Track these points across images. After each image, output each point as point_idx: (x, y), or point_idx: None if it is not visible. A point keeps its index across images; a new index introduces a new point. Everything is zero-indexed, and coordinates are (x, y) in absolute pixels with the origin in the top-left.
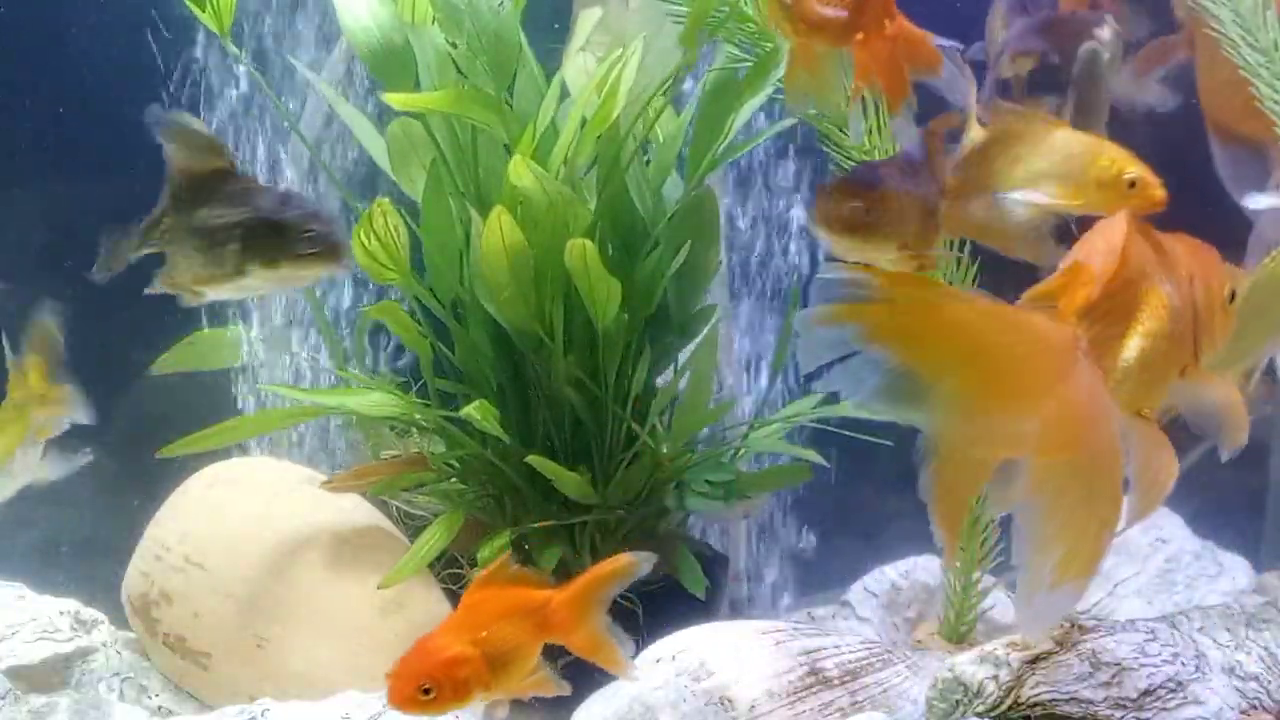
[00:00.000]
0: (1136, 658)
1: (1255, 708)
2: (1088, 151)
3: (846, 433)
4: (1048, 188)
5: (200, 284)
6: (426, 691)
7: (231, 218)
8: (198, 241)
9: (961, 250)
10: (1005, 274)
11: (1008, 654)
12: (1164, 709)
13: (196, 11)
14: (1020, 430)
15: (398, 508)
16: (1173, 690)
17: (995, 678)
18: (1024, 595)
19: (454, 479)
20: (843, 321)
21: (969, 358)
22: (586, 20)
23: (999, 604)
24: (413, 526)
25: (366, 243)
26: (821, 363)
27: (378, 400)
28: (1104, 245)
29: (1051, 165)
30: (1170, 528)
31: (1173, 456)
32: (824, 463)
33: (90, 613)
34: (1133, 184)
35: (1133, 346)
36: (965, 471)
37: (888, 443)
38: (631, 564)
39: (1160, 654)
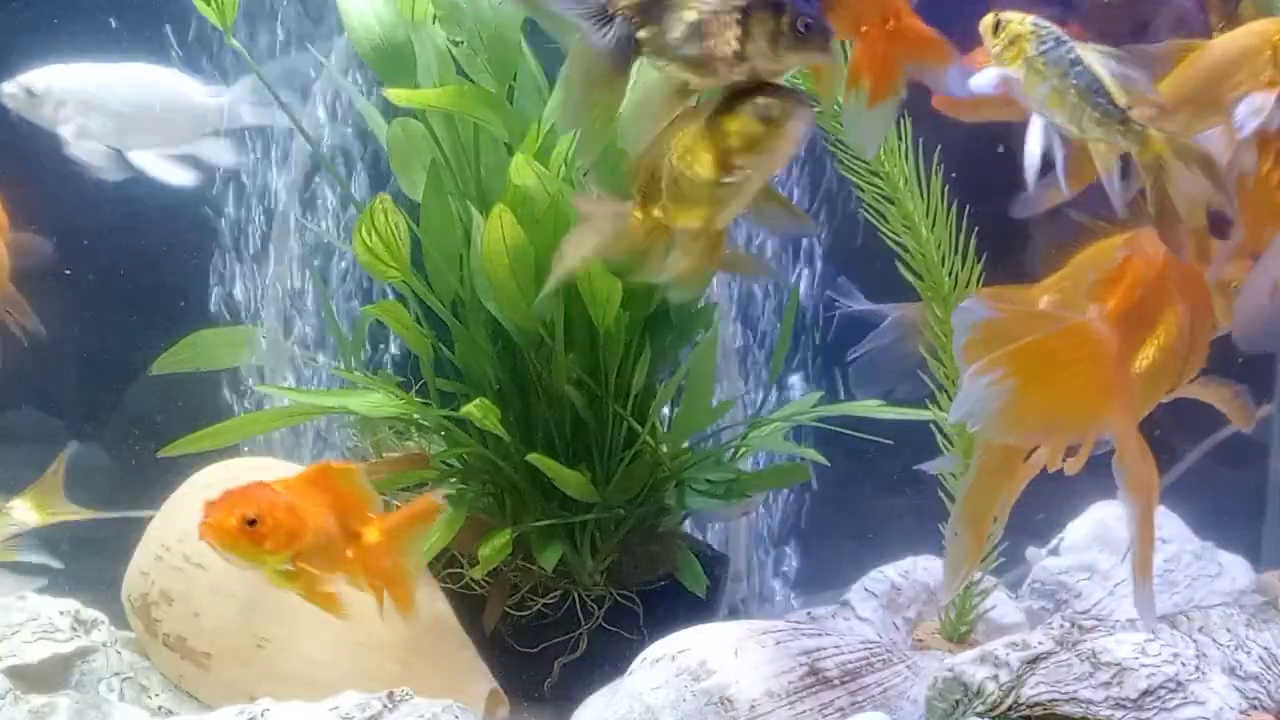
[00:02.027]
0: (1136, 658)
1: (1255, 708)
2: (1237, 50)
3: (847, 432)
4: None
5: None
6: (251, 523)
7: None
8: (688, 28)
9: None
10: (1008, 271)
11: (1008, 654)
12: (1164, 709)
13: (200, 6)
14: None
15: (398, 507)
16: (1173, 690)
17: (995, 678)
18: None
19: (454, 478)
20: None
21: (1061, 369)
22: None
23: (999, 604)
24: None
25: (368, 240)
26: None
27: (378, 400)
28: (1150, 251)
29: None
30: (1170, 528)
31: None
32: (824, 461)
33: (90, 613)
34: None
35: (1147, 356)
36: (1005, 478)
37: (888, 442)
38: (435, 505)
39: (1160, 654)
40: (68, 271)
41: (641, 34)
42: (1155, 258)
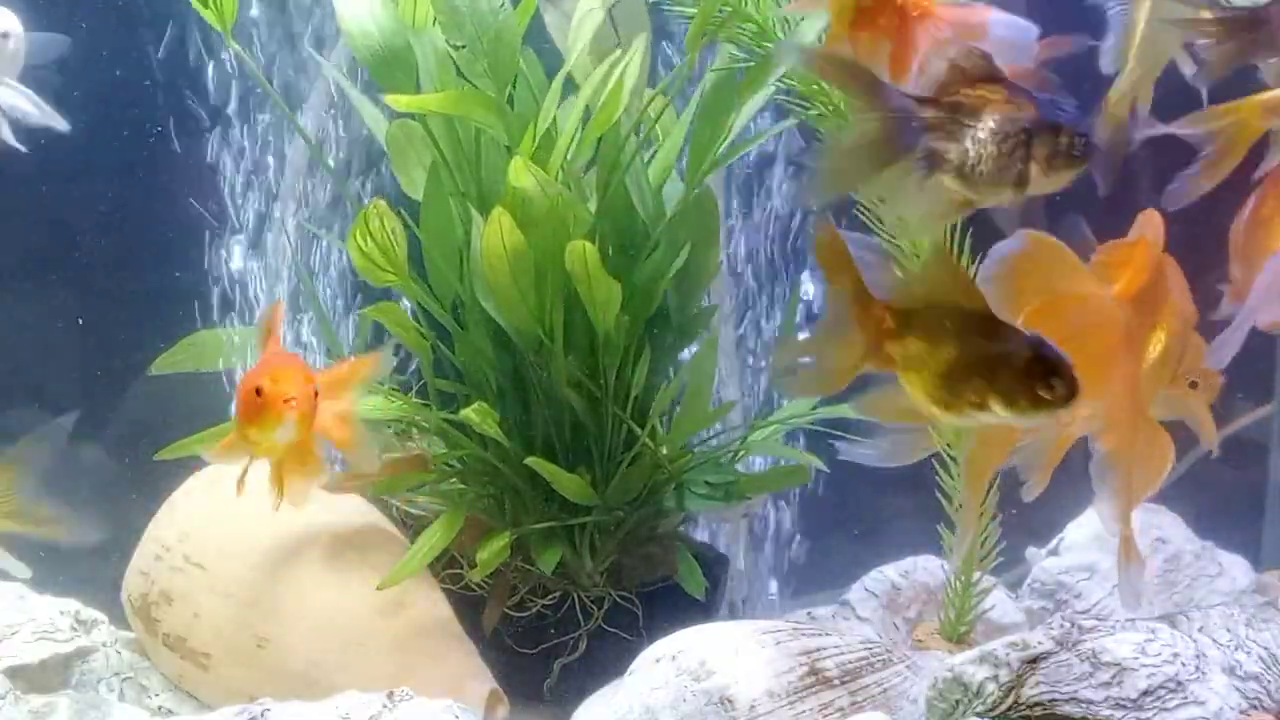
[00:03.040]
0: (1136, 658)
1: (1255, 708)
2: None
3: (847, 435)
4: None
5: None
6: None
7: (1015, 125)
8: (975, 155)
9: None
10: None
11: (1008, 654)
12: (1164, 709)
13: (199, 8)
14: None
15: (398, 508)
16: (1173, 690)
17: (995, 678)
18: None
19: (454, 479)
20: None
21: (1091, 340)
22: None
23: (999, 604)
24: (413, 526)
25: (363, 245)
26: None
27: (376, 404)
28: (1150, 236)
29: None
30: (1170, 528)
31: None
32: (822, 467)
33: (90, 613)
34: None
35: (1158, 340)
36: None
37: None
38: (378, 358)
39: (1160, 654)
40: (78, 320)
41: (935, 148)
42: (1156, 251)
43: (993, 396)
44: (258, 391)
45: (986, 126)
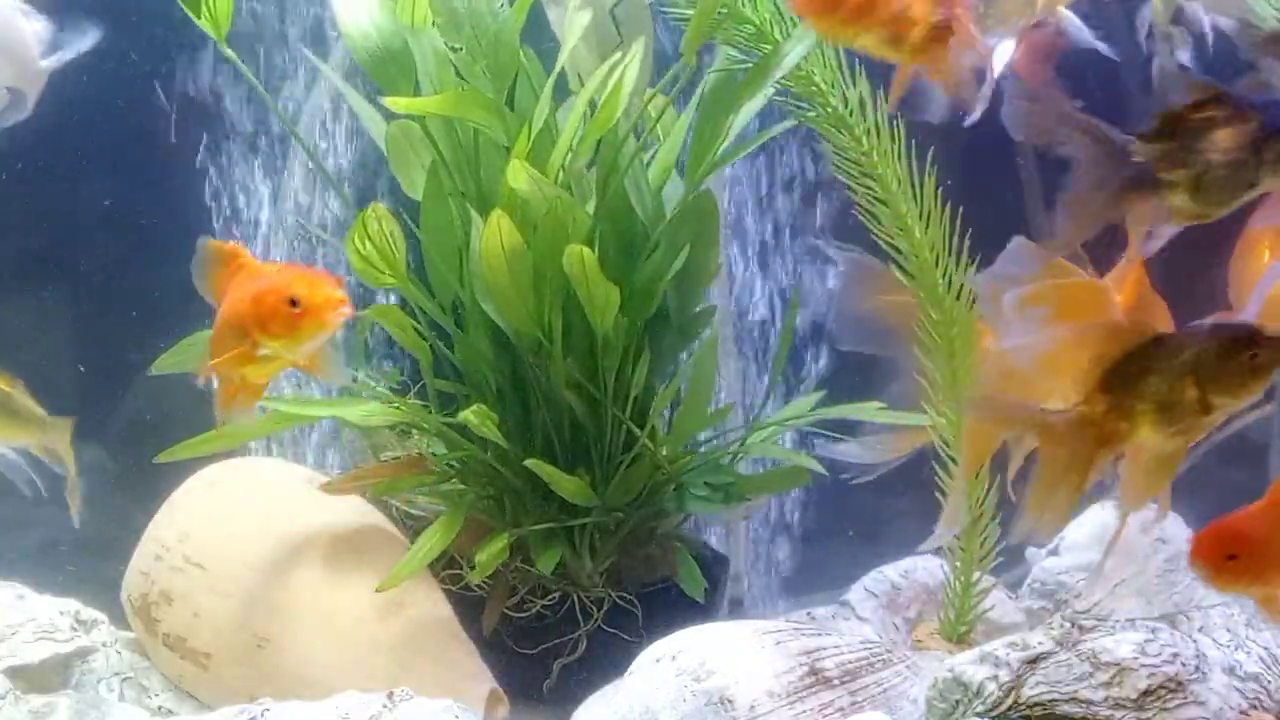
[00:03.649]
0: (1136, 658)
1: (1255, 708)
2: None
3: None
4: None
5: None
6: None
7: (1245, 137)
8: (1207, 171)
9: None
10: None
11: (1008, 654)
12: (1164, 709)
13: (193, 16)
14: None
15: (397, 508)
16: (1173, 690)
17: (995, 678)
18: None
19: (454, 480)
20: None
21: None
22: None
23: (999, 604)
24: (413, 527)
25: (361, 248)
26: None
27: (373, 410)
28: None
29: None
30: (1170, 528)
31: None
32: (821, 470)
33: (90, 613)
34: None
35: None
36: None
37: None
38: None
39: (1160, 654)
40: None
41: (1167, 175)
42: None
43: (1218, 396)
44: (293, 303)
45: (1218, 145)
